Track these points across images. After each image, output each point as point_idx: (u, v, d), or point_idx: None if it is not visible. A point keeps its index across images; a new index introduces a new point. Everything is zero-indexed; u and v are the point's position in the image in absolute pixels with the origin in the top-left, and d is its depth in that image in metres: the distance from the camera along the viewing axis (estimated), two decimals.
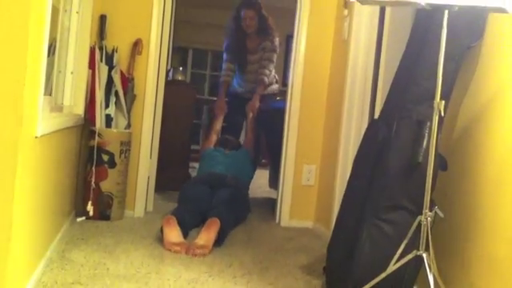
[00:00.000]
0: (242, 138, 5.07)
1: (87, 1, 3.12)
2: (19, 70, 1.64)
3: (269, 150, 4.98)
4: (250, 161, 4.37)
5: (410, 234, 1.94)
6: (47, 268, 2.29)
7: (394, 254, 1.94)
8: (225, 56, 4.76)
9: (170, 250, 2.77)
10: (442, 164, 2.11)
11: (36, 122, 1.83)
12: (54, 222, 2.57)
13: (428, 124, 2.02)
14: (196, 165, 5.30)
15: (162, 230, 2.90)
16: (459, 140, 2.23)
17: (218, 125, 4.71)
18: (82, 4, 3.03)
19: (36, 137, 1.84)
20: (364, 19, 3.29)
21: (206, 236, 2.86)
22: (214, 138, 4.55)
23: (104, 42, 3.41)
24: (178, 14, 4.96)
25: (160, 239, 2.90)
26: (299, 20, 3.75)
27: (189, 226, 3.08)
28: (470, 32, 2.15)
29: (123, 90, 3.42)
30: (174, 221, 2.92)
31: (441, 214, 1.99)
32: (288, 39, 6.90)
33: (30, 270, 2.04)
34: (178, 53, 8.33)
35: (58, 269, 2.32)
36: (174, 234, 2.86)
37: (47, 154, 2.19)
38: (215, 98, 5.16)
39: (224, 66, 4.76)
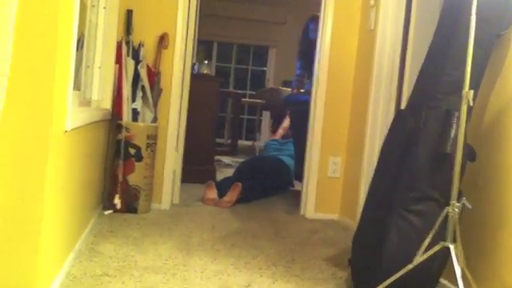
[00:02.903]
0: None
1: None
2: (49, 65, 1.67)
3: (295, 142, 5.02)
4: None
5: (437, 226, 1.92)
6: (76, 260, 2.34)
7: (422, 244, 1.92)
8: (298, 63, 5.33)
9: (206, 204, 3.88)
10: (470, 154, 2.08)
11: (65, 117, 1.86)
12: (83, 215, 2.62)
13: (456, 114, 1.99)
14: (221, 157, 5.76)
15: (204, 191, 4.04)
16: (488, 130, 2.20)
17: (286, 122, 5.48)
18: None
19: (66, 131, 1.87)
20: (390, 9, 3.26)
21: (230, 194, 3.95)
22: (280, 132, 5.52)
23: (130, 37, 3.44)
24: (202, 8, 4.97)
25: (201, 198, 4.00)
26: (324, 10, 3.73)
27: (223, 191, 4.01)
28: (500, 20, 2.10)
29: (150, 84, 3.45)
30: (212, 184, 4.08)
31: (469, 206, 1.97)
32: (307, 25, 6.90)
33: (60, 262, 2.08)
34: (203, 46, 8.36)
35: (86, 261, 2.36)
36: (210, 192, 3.98)
37: (76, 148, 2.22)
38: (240, 91, 5.34)
39: (297, 71, 5.33)
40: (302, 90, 5.24)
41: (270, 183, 4.47)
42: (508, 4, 2.10)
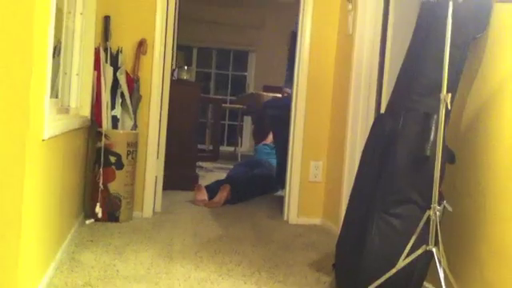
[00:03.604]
0: None
1: (91, 2, 3.12)
2: (25, 73, 1.64)
3: (276, 147, 5.02)
4: None
5: (419, 229, 1.93)
6: (57, 270, 2.30)
7: (404, 248, 1.93)
8: (287, 65, 5.31)
9: (196, 205, 4.10)
10: (449, 157, 2.10)
11: (43, 125, 1.84)
12: (64, 225, 2.58)
13: (435, 117, 2.01)
14: (202, 164, 5.81)
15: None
16: (467, 132, 2.22)
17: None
18: (86, 5, 3.04)
19: (43, 140, 1.85)
20: (368, 13, 3.28)
21: (219, 195, 4.18)
22: (270, 137, 5.68)
23: (108, 43, 3.41)
24: (181, 13, 4.96)
25: (191, 200, 4.24)
26: (303, 15, 3.73)
27: (214, 193, 4.23)
28: (475, 23, 2.13)
29: (129, 90, 3.42)
30: (201, 186, 4.30)
31: (449, 208, 1.98)
32: (292, 35, 6.93)
33: (41, 273, 2.05)
34: (183, 52, 8.34)
35: (68, 271, 2.32)
36: (200, 193, 4.20)
37: (55, 157, 2.19)
38: (221, 97, 5.36)
39: (286, 77, 5.39)
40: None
41: (258, 185, 4.67)
42: (484, 7, 2.13)
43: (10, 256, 1.63)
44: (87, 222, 3.20)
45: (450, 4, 1.90)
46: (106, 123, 3.32)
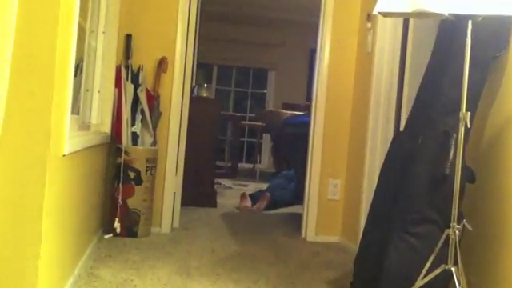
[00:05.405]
0: None
1: (113, 21, 3.18)
2: (47, 89, 1.68)
3: (294, 165, 5.04)
4: None
5: (438, 248, 1.91)
6: (75, 285, 2.32)
7: (422, 267, 1.90)
8: None
9: (241, 211, 4.75)
10: (469, 176, 2.08)
11: (63, 141, 1.86)
12: (82, 240, 2.60)
13: (454, 135, 2.00)
14: (220, 180, 5.89)
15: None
16: (488, 151, 2.20)
17: None
18: (108, 24, 3.09)
19: (64, 155, 1.87)
20: (387, 31, 3.28)
21: (259, 203, 4.85)
22: None
23: (130, 61, 3.46)
24: (202, 31, 5.02)
25: (237, 207, 4.86)
26: (322, 34, 3.75)
27: (257, 200, 4.89)
28: (495, 41, 2.12)
29: (149, 107, 3.46)
30: (246, 195, 4.97)
31: (469, 228, 1.96)
32: (311, 53, 6.98)
33: (59, 287, 2.06)
34: (203, 69, 8.42)
35: (85, 286, 2.34)
36: (244, 201, 4.88)
37: (74, 172, 2.22)
38: (240, 114, 5.36)
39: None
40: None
41: (292, 195, 5.08)
42: (504, 26, 2.12)
43: (29, 270, 1.65)
44: (106, 236, 3.22)
45: (469, 23, 1.89)
46: (126, 139, 3.35)
